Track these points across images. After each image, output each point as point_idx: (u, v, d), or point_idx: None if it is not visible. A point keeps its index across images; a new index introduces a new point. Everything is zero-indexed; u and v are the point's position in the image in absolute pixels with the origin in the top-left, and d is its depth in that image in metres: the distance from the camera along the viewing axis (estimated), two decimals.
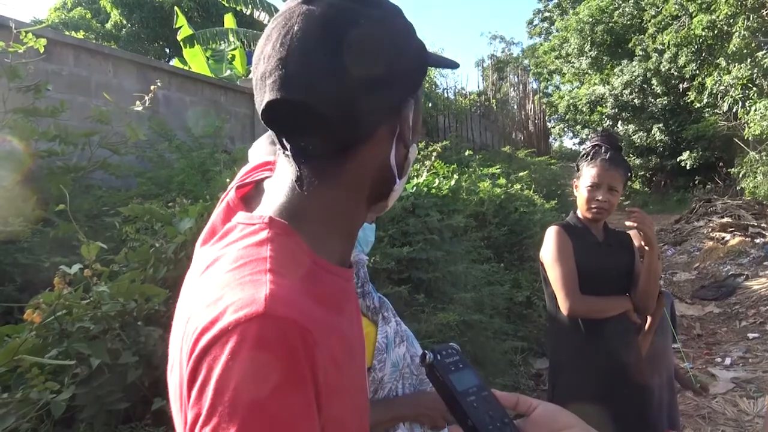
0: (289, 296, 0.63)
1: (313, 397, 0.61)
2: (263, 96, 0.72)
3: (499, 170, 7.53)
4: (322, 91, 0.69)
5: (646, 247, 2.29)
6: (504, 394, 0.81)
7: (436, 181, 4.62)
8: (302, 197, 0.74)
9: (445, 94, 17.41)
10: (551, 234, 2.37)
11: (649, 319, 2.59)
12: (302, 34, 0.69)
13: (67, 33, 10.82)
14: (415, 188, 4.14)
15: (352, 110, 0.71)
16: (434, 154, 5.78)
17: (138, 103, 3.29)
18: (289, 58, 0.69)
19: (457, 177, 5.18)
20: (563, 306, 2.24)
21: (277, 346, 0.59)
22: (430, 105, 13.03)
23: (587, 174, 2.33)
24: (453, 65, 0.90)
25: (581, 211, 2.39)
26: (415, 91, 0.79)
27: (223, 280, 0.66)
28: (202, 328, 0.61)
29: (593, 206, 2.32)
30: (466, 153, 9.65)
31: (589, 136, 2.60)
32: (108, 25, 20.44)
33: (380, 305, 1.50)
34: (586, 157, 2.38)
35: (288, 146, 0.73)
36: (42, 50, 3.11)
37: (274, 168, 0.82)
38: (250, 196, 0.85)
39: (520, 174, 9.33)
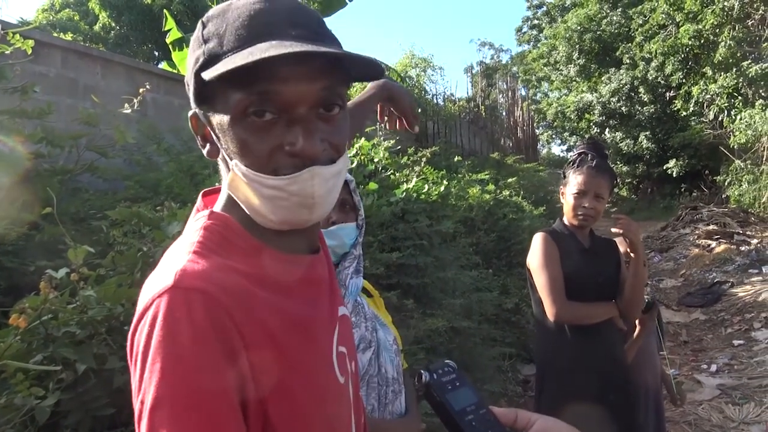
0: (200, 271, 0.69)
1: (221, 355, 0.66)
2: None
3: (488, 176, 7.54)
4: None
5: (632, 254, 2.31)
6: (502, 411, 0.81)
7: (426, 186, 4.62)
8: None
9: (434, 100, 17.47)
10: (538, 240, 2.38)
11: (637, 327, 2.60)
12: None
13: (55, 34, 10.74)
14: (404, 194, 4.14)
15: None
16: (423, 159, 5.78)
17: (126, 105, 3.26)
18: None
19: (446, 183, 5.18)
20: (549, 312, 2.25)
21: (182, 312, 0.65)
22: (419, 110, 13.05)
23: (574, 181, 2.35)
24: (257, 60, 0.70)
25: (568, 217, 2.40)
26: (196, 103, 0.80)
27: (158, 269, 0.74)
28: (136, 310, 0.70)
29: (579, 213, 2.34)
30: (455, 159, 9.67)
31: (576, 144, 2.61)
32: (96, 27, 20.28)
33: (352, 310, 1.50)
34: (573, 164, 2.40)
35: None
36: (29, 51, 3.07)
37: None
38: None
39: (509, 180, 9.37)
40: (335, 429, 0.81)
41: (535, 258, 2.36)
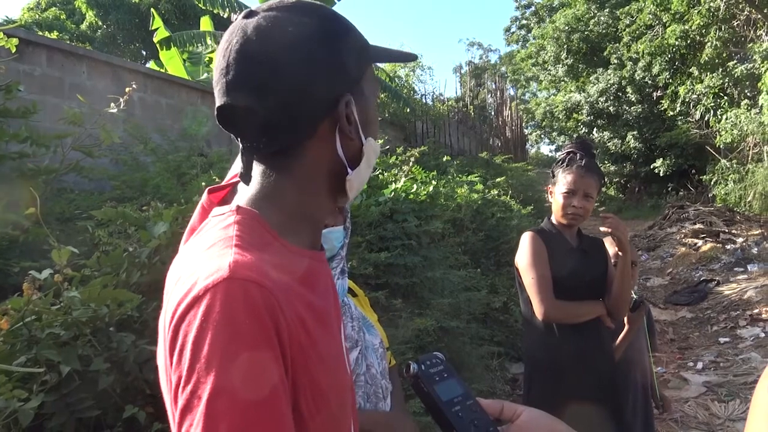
0: (251, 263, 0.70)
1: (277, 346, 0.67)
2: (216, 103, 0.82)
3: (477, 178, 7.56)
4: (257, 95, 0.78)
5: (620, 253, 2.32)
6: (489, 402, 0.83)
7: (414, 186, 4.62)
8: (265, 189, 0.83)
9: (423, 100, 17.47)
10: (526, 240, 2.39)
11: (626, 326, 2.61)
12: (238, 46, 0.79)
13: (40, 33, 10.65)
14: (393, 193, 4.14)
15: (288, 110, 0.79)
16: (412, 159, 5.78)
17: (113, 105, 3.24)
18: (229, 67, 0.79)
19: (435, 183, 5.19)
20: (538, 311, 2.26)
21: (241, 303, 0.66)
22: (408, 110, 13.05)
23: (563, 181, 2.36)
24: (406, 58, 0.97)
25: (556, 217, 2.41)
26: (352, 87, 0.84)
27: (195, 261, 0.74)
28: (178, 300, 0.69)
29: (569, 212, 2.35)
30: (444, 159, 9.69)
31: (564, 143, 2.62)
32: (83, 26, 20.15)
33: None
34: (562, 163, 2.41)
35: (240, 146, 0.83)
36: (14, 50, 3.05)
37: None
38: (227, 200, 0.90)
39: (498, 180, 9.39)
40: (345, 418, 0.84)
41: (523, 257, 2.36)
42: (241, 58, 0.78)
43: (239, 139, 0.83)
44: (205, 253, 0.74)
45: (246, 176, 0.85)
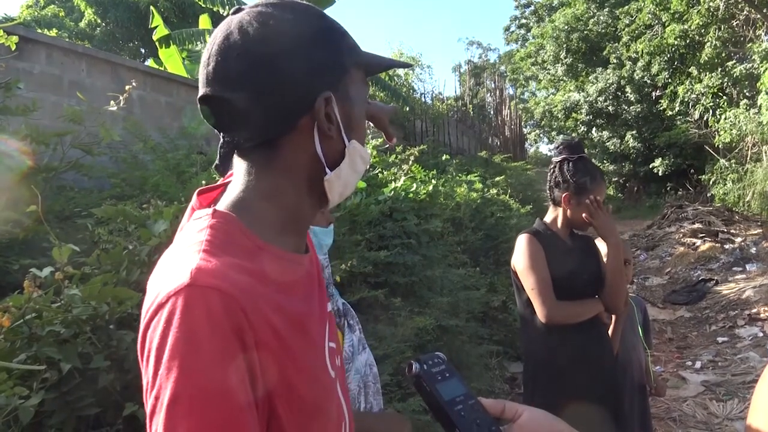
0: (215, 269, 0.70)
1: (239, 352, 0.67)
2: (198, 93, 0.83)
3: (477, 177, 7.57)
4: (234, 86, 0.79)
5: (604, 240, 2.33)
6: (491, 402, 0.83)
7: (414, 185, 4.62)
8: (247, 189, 0.82)
9: (423, 99, 17.47)
10: (523, 242, 2.37)
11: (613, 319, 2.61)
12: (220, 39, 0.81)
13: (39, 31, 10.62)
14: (392, 192, 4.15)
15: (264, 103, 0.79)
16: (411, 158, 5.78)
17: (112, 103, 3.24)
18: (210, 59, 0.80)
19: (434, 182, 5.19)
20: (540, 313, 2.24)
21: (200, 310, 0.66)
22: (407, 109, 13.05)
23: (598, 192, 2.34)
24: (399, 65, 1.00)
25: (579, 225, 2.40)
26: (332, 86, 0.82)
27: (166, 266, 0.75)
28: (147, 306, 0.71)
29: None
30: (443, 158, 9.69)
31: (558, 148, 2.54)
32: (82, 24, 20.13)
33: (345, 312, 1.51)
34: (589, 175, 2.36)
35: (221, 139, 0.84)
36: (13, 47, 3.04)
37: None
38: (218, 201, 0.88)
39: (497, 179, 9.40)
40: (329, 424, 0.83)
41: (521, 260, 2.34)
42: (222, 50, 0.79)
43: (220, 133, 0.84)
44: (175, 259, 0.74)
45: (222, 167, 0.86)
